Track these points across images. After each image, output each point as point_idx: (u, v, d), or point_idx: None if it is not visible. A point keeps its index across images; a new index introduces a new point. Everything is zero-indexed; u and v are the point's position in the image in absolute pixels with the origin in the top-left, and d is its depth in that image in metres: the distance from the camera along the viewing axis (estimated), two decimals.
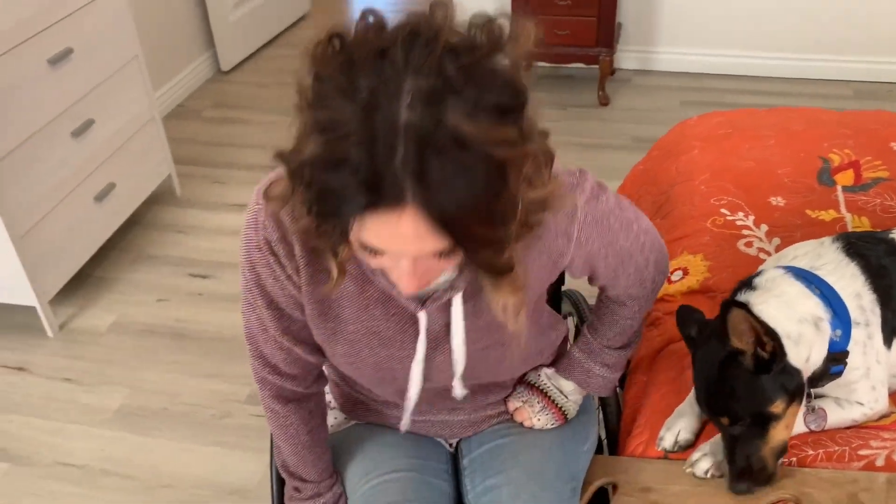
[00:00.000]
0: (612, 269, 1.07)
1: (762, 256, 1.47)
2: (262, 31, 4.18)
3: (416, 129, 0.69)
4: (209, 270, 2.64)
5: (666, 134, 2.05)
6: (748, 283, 1.16)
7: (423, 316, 0.99)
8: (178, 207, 2.97)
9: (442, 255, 0.79)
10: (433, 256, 0.79)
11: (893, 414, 1.17)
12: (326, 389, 1.27)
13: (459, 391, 1.11)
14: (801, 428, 1.16)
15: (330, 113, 0.73)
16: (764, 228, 1.57)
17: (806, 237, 1.35)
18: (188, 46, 3.76)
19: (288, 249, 0.96)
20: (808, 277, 1.13)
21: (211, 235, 2.82)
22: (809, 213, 1.60)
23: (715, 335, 1.08)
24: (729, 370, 1.04)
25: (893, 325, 1.18)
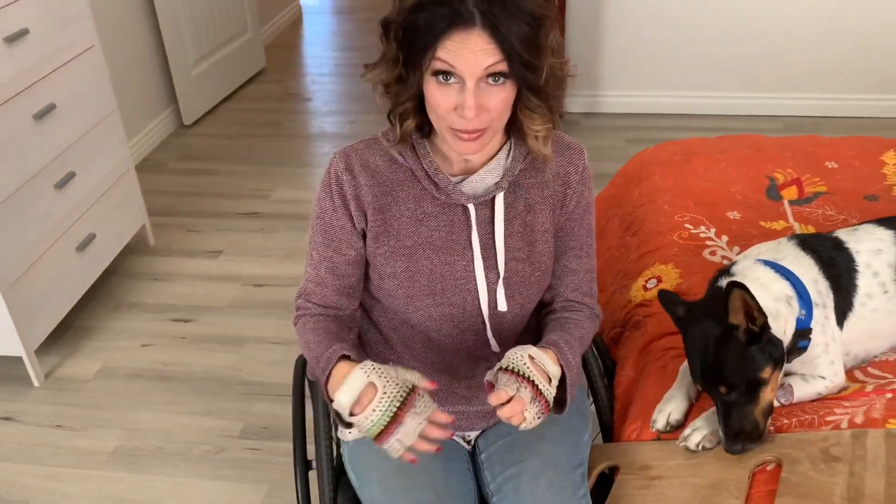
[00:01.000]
0: (581, 237, 1.32)
1: (725, 262, 1.65)
2: (222, 85, 4.30)
3: None
4: (190, 314, 2.71)
5: (626, 164, 2.24)
6: (726, 271, 1.33)
7: (472, 208, 1.23)
8: (152, 256, 3.03)
9: (498, 78, 1.08)
10: (490, 84, 1.08)
11: (850, 387, 1.34)
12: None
13: (503, 303, 1.27)
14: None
15: None
16: (725, 239, 1.76)
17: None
18: (151, 102, 3.86)
19: (352, 177, 1.23)
20: (775, 266, 1.30)
21: (188, 281, 2.89)
22: (763, 223, 1.80)
23: (707, 314, 1.23)
24: (725, 344, 1.19)
25: (843, 308, 1.36)
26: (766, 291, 1.25)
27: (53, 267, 2.44)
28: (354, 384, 1.10)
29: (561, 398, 1.22)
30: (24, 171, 2.29)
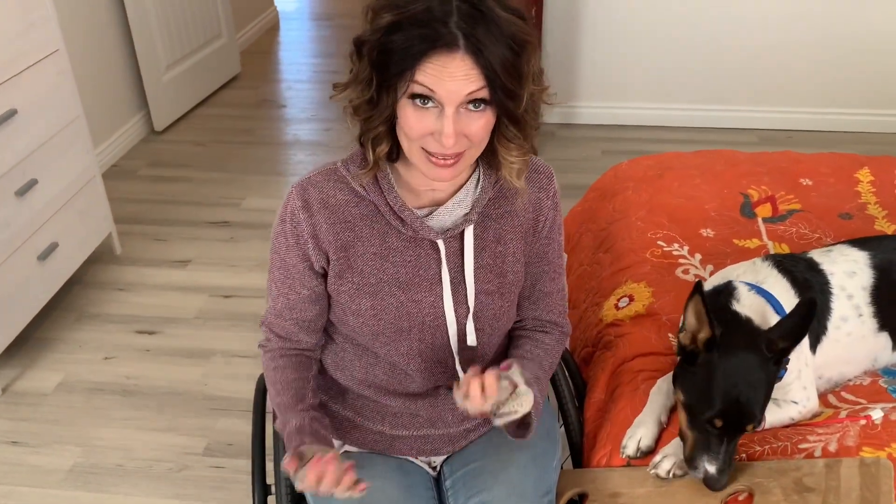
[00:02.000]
0: (554, 259, 1.29)
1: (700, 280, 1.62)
2: (195, 91, 4.23)
3: (464, 6, 1.00)
4: (155, 326, 2.64)
5: (600, 178, 2.21)
6: (730, 292, 1.30)
7: (441, 243, 1.18)
8: (118, 265, 2.96)
9: (479, 104, 1.03)
10: (471, 110, 1.03)
11: (824, 413, 1.32)
12: None
13: (473, 338, 1.23)
14: None
15: None
16: (698, 257, 1.73)
17: (736, 263, 1.50)
18: (121, 107, 3.78)
19: (309, 215, 1.16)
20: (765, 295, 1.28)
21: (154, 292, 2.82)
22: (736, 242, 1.77)
23: (738, 344, 1.17)
24: (762, 376, 1.15)
25: (817, 332, 1.33)
26: (765, 322, 1.23)
27: (13, 276, 2.36)
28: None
29: (525, 422, 1.20)
30: None
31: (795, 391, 1.28)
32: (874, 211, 1.90)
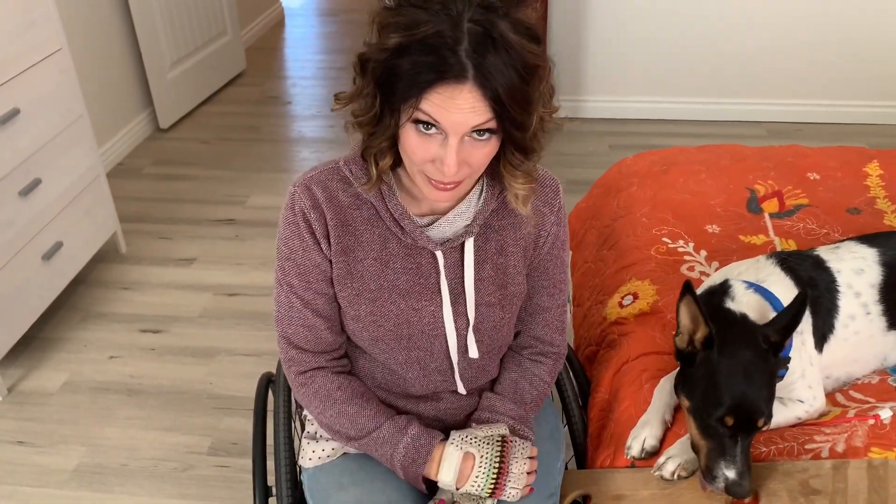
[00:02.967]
0: (555, 275, 1.26)
1: (704, 279, 1.59)
2: (200, 88, 4.23)
3: (476, 30, 0.95)
4: (160, 325, 2.64)
5: (604, 173, 2.18)
6: (725, 291, 1.28)
7: (440, 254, 1.16)
8: (123, 264, 2.96)
9: (484, 133, 0.99)
10: (475, 139, 1.00)
11: (831, 412, 1.29)
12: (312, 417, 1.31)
13: (474, 350, 1.22)
14: None
15: (409, 16, 0.96)
16: (703, 254, 1.70)
17: (742, 260, 1.47)
18: (126, 105, 3.78)
19: (319, 214, 1.14)
20: (764, 293, 1.25)
21: (159, 290, 2.82)
22: (742, 238, 1.74)
23: (735, 342, 1.15)
24: (764, 370, 1.13)
25: (823, 331, 1.31)
26: (762, 319, 1.21)
27: (17, 277, 2.36)
28: (452, 461, 1.16)
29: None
30: None
31: (800, 390, 1.25)
32: (883, 205, 1.87)
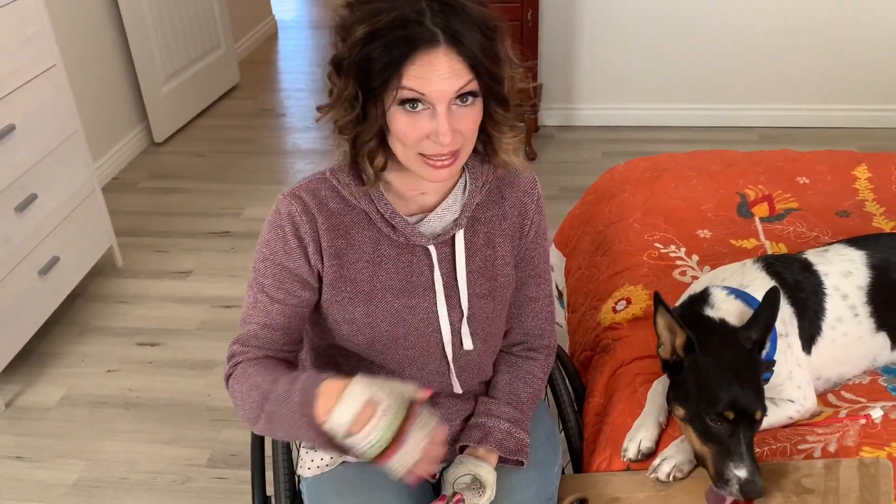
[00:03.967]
0: (540, 265, 1.29)
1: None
2: (194, 102, 4.25)
3: (434, 5, 1.00)
4: (157, 338, 2.65)
5: (597, 180, 2.20)
6: (705, 299, 1.31)
7: (433, 249, 1.18)
8: (120, 278, 2.97)
9: (467, 98, 1.03)
10: (460, 105, 1.03)
11: (823, 412, 1.31)
12: None
13: (468, 342, 1.24)
14: None
15: (369, 8, 1.01)
16: (695, 258, 1.72)
17: (732, 263, 1.49)
18: (121, 120, 3.80)
19: (310, 219, 1.15)
20: (745, 298, 1.27)
21: (156, 304, 2.83)
22: (733, 242, 1.77)
23: (720, 343, 1.19)
24: (753, 365, 1.16)
25: (810, 332, 1.33)
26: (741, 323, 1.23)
27: (14, 292, 2.37)
28: (354, 400, 0.97)
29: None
30: None
31: (790, 390, 1.27)
32: (872, 208, 1.89)
